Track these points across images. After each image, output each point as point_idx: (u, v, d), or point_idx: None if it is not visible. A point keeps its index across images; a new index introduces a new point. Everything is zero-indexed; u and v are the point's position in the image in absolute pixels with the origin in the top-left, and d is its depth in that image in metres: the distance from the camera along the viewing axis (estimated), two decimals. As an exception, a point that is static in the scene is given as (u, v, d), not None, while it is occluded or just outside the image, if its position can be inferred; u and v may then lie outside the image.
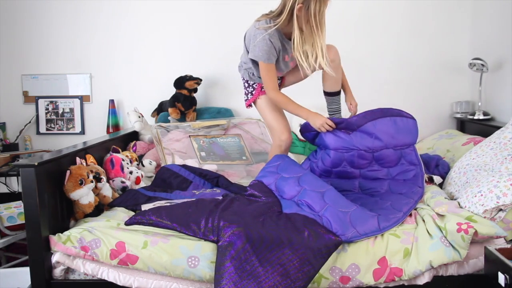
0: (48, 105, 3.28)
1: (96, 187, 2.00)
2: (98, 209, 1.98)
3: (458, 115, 3.08)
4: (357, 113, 2.23)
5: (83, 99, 3.27)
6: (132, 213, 2.01)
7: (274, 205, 1.86)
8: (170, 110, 3.03)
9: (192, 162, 2.63)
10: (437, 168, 2.32)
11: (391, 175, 2.13)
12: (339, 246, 1.67)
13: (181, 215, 1.71)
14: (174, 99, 3.04)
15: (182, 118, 3.08)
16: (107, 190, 2.07)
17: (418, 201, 1.96)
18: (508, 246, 1.62)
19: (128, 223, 1.72)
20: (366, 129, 2.12)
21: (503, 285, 1.44)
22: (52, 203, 1.79)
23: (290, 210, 1.83)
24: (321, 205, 1.81)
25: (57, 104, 3.28)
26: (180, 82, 3.04)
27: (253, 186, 2.00)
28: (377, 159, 2.14)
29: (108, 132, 3.19)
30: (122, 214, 1.97)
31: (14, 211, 2.28)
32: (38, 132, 3.29)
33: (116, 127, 3.22)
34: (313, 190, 1.89)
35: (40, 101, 3.27)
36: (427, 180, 2.19)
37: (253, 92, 2.25)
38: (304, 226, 1.69)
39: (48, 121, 3.29)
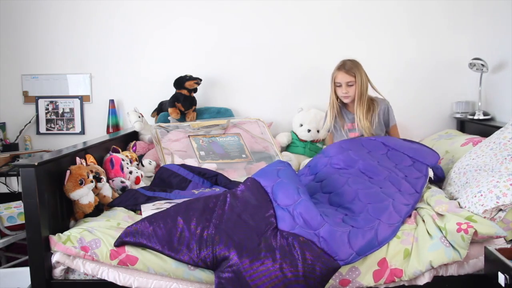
0: (48, 105, 3.28)
1: (96, 187, 2.00)
2: (98, 209, 1.98)
3: (458, 115, 3.08)
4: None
5: (83, 99, 3.27)
6: (132, 213, 2.01)
7: (269, 217, 1.74)
8: (170, 110, 3.03)
9: (192, 162, 2.63)
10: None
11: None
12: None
13: (168, 237, 1.66)
14: (174, 99, 3.04)
15: (182, 118, 3.08)
16: (107, 190, 2.07)
17: (414, 206, 1.94)
18: (508, 246, 1.62)
19: (116, 244, 1.69)
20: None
21: (503, 285, 1.44)
22: (52, 203, 1.79)
23: (285, 224, 1.70)
24: (319, 222, 1.68)
25: (57, 104, 3.28)
26: (180, 82, 3.04)
27: (248, 186, 1.87)
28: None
29: (108, 132, 3.19)
30: (122, 214, 1.97)
31: (14, 211, 2.28)
32: (38, 132, 3.29)
33: (116, 127, 3.22)
34: (311, 203, 1.77)
35: (40, 101, 3.27)
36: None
37: None
38: (302, 259, 1.59)
39: (48, 121, 3.29)
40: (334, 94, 2.51)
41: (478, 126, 2.77)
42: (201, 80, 3.07)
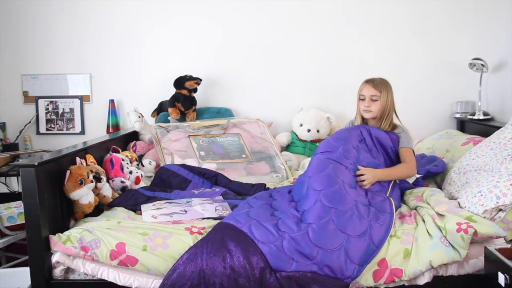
0: (48, 105, 3.28)
1: (96, 187, 1.99)
2: (98, 209, 1.98)
3: (458, 115, 3.08)
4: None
5: (83, 99, 3.27)
6: (132, 213, 2.01)
7: (259, 266, 1.62)
8: (170, 110, 3.03)
9: (192, 162, 2.63)
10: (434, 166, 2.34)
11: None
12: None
13: None
14: (174, 99, 3.04)
15: (182, 118, 3.08)
16: (107, 190, 2.07)
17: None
18: (508, 246, 1.62)
19: None
20: None
21: (503, 285, 1.44)
22: (52, 203, 1.79)
23: (278, 263, 1.63)
24: (312, 249, 1.65)
25: (57, 104, 3.28)
26: (180, 82, 3.04)
27: (227, 233, 1.72)
28: None
29: (108, 132, 3.19)
30: (122, 214, 1.97)
31: (14, 211, 2.28)
32: (38, 132, 3.29)
33: (116, 127, 3.22)
34: (297, 234, 1.70)
35: (40, 101, 3.27)
36: None
37: None
38: None
39: (48, 121, 3.29)
40: (358, 107, 2.28)
41: (478, 126, 2.77)
42: (201, 80, 3.07)
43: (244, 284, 1.58)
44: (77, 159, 1.97)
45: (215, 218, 1.90)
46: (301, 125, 3.05)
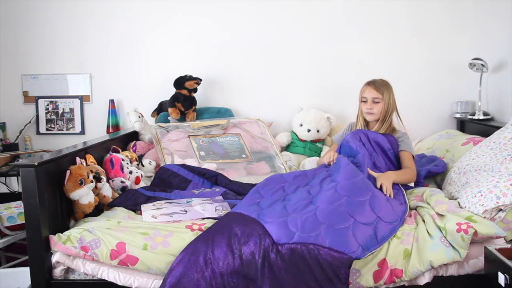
0: (48, 105, 3.28)
1: (96, 187, 1.99)
2: (98, 209, 1.98)
3: (458, 115, 3.08)
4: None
5: (83, 99, 3.27)
6: (132, 213, 2.01)
7: (265, 236, 1.66)
8: (170, 110, 3.03)
9: (192, 162, 2.63)
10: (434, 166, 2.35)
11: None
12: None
13: None
14: (174, 99, 3.04)
15: (182, 118, 3.08)
16: (107, 190, 2.07)
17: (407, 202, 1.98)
18: (508, 246, 1.62)
19: None
20: None
21: (503, 285, 1.44)
22: (52, 203, 1.79)
23: (279, 235, 1.65)
24: (318, 225, 1.68)
25: (57, 104, 3.28)
26: (180, 82, 3.04)
27: (233, 218, 1.77)
28: None
29: (108, 132, 3.19)
30: (122, 214, 1.97)
31: (14, 211, 2.28)
32: (38, 132, 3.29)
33: (116, 127, 3.22)
34: (302, 213, 1.75)
35: (40, 101, 3.27)
36: None
37: None
38: (318, 267, 1.58)
39: (48, 121, 3.29)
40: (360, 109, 2.32)
41: (478, 126, 2.77)
42: (201, 80, 3.07)
43: (249, 262, 1.60)
44: (77, 159, 1.97)
45: (215, 218, 1.90)
46: (301, 125, 3.05)
